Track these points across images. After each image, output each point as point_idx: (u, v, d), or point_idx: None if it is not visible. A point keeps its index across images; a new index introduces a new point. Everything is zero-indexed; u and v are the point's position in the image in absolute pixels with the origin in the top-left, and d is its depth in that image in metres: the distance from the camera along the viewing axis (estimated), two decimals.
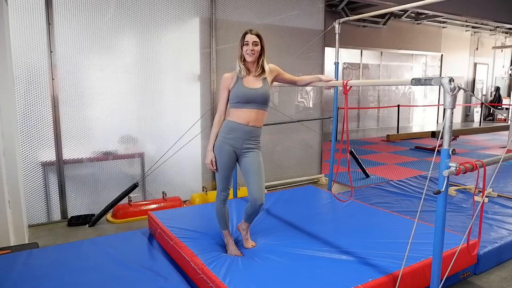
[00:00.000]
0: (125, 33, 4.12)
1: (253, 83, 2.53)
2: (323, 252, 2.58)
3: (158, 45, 4.30)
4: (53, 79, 3.79)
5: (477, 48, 14.31)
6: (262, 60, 2.55)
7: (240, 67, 2.53)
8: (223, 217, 2.66)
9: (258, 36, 2.51)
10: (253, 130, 2.54)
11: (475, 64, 14.51)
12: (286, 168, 5.37)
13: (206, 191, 4.39)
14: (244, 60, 2.54)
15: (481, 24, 12.38)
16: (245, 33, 2.52)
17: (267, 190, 4.81)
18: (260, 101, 2.52)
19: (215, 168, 2.57)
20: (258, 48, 2.50)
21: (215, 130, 2.56)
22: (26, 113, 3.71)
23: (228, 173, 2.57)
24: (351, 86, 2.62)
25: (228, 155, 2.52)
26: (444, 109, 1.89)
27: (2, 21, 2.97)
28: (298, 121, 5.15)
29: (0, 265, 2.62)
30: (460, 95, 13.20)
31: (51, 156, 3.88)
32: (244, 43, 2.50)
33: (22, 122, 3.70)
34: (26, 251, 2.88)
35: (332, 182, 4.14)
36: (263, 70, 2.55)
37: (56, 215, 3.98)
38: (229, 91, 2.54)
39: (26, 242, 3.30)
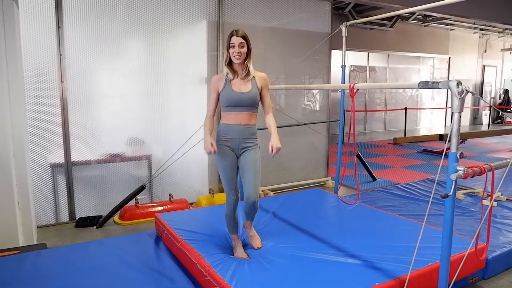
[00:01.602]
0: (134, 36, 4.16)
1: (242, 86, 2.54)
2: (329, 256, 2.58)
3: (166, 48, 4.32)
4: (62, 81, 3.83)
5: (485, 50, 14.20)
6: (247, 62, 2.53)
7: (227, 69, 2.54)
8: (232, 221, 2.66)
9: (244, 37, 2.48)
10: (247, 129, 2.55)
11: (484, 67, 14.40)
12: (292, 170, 5.36)
13: (213, 194, 4.40)
14: (231, 62, 2.54)
15: (489, 26, 12.28)
16: (231, 35, 2.49)
17: (274, 193, 4.81)
18: (249, 104, 2.54)
19: (215, 150, 2.49)
20: (244, 50, 2.48)
21: (207, 123, 2.55)
22: (35, 115, 3.76)
23: (231, 174, 2.58)
24: (358, 89, 2.61)
25: (228, 156, 2.55)
26: (451, 112, 1.88)
27: (13, 25, 3.01)
28: (304, 124, 5.15)
29: (9, 266, 2.65)
30: (468, 98, 13.09)
31: (59, 157, 3.92)
32: (230, 45, 2.48)
33: (31, 124, 3.74)
34: (34, 251, 2.91)
35: (339, 185, 4.13)
36: (248, 72, 2.54)
37: (64, 216, 4.01)
38: (219, 94, 2.56)
39: (35, 243, 3.33)
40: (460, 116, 1.87)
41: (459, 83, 1.82)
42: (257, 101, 2.58)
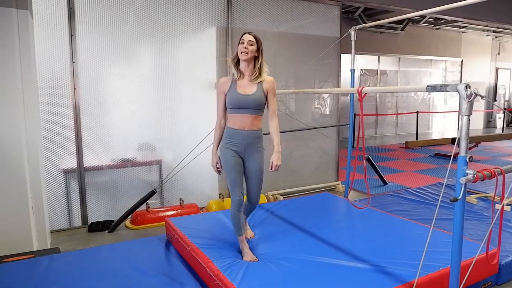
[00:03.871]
0: (144, 43, 4.22)
1: (247, 88, 2.56)
2: (339, 260, 2.57)
3: (176, 54, 4.38)
4: (75, 88, 3.90)
5: (498, 53, 14.00)
6: (260, 63, 2.57)
7: (234, 69, 2.59)
8: (238, 223, 2.67)
9: (255, 38, 2.55)
10: (251, 134, 2.59)
11: (497, 69, 14.18)
12: (302, 175, 5.36)
13: (223, 198, 4.42)
14: (239, 62, 2.58)
15: (503, 29, 12.11)
16: (243, 34, 2.58)
17: (284, 197, 4.82)
18: (253, 107, 2.56)
19: (219, 170, 2.71)
20: (252, 48, 2.52)
21: (216, 134, 2.69)
22: (49, 122, 3.84)
23: (236, 176, 2.60)
24: (366, 93, 2.61)
25: (233, 158, 2.60)
26: (461, 115, 1.87)
27: (27, 33, 3.09)
28: (314, 128, 5.15)
29: (23, 269, 2.70)
30: (482, 101, 12.91)
31: (72, 163, 3.99)
32: (240, 41, 2.54)
33: (45, 131, 3.82)
34: (48, 256, 2.96)
35: (349, 189, 4.12)
36: (259, 74, 2.57)
37: (77, 221, 4.07)
38: (225, 95, 2.60)
39: (48, 247, 3.39)
40: (469, 119, 1.85)
41: (467, 86, 1.80)
42: (262, 104, 2.59)
